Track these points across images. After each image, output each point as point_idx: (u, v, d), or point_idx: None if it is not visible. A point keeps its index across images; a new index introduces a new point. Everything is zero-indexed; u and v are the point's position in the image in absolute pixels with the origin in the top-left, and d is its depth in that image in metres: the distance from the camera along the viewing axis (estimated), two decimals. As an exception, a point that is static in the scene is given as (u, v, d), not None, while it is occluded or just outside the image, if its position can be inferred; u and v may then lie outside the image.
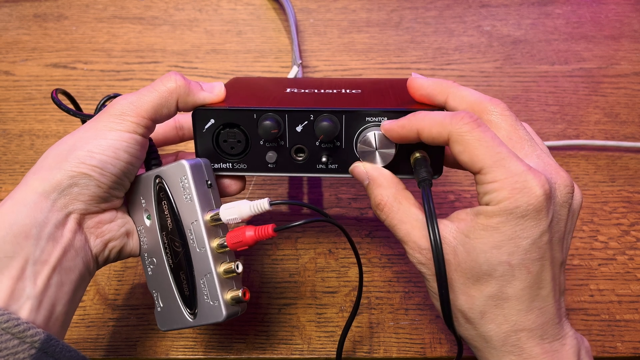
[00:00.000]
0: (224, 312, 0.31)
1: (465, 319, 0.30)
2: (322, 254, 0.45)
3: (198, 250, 0.31)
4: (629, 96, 0.57)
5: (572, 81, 0.59)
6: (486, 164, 0.28)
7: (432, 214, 0.28)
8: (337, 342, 0.36)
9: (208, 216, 0.32)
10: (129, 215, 0.34)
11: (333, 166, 0.35)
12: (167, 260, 0.33)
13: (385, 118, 0.32)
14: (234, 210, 0.31)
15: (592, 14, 0.66)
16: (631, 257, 0.45)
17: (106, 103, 0.44)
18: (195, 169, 0.32)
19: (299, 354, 0.40)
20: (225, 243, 0.31)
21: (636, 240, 0.46)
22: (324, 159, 0.34)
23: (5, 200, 0.29)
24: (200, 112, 0.33)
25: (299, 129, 0.33)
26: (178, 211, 0.32)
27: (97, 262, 0.32)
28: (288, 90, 0.38)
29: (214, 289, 0.31)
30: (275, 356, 0.40)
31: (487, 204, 0.28)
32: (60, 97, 0.37)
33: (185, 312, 0.33)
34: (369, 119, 0.32)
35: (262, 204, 0.31)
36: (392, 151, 0.32)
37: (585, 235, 0.46)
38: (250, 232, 0.31)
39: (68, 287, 0.29)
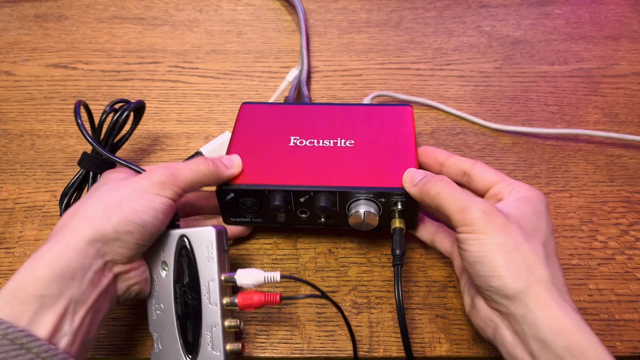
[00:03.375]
0: None
1: (533, 262, 0.33)
2: (322, 253, 0.45)
3: (210, 305, 0.36)
4: (628, 96, 0.57)
5: (572, 81, 0.59)
6: (497, 179, 0.40)
7: (400, 294, 0.37)
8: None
9: (223, 277, 0.36)
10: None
11: (330, 221, 0.43)
12: (176, 309, 0.37)
13: (371, 194, 0.40)
14: (249, 277, 0.36)
15: (591, 14, 0.66)
16: (630, 257, 0.45)
17: (115, 106, 0.45)
18: (219, 235, 0.37)
19: (299, 353, 0.40)
20: (236, 302, 0.36)
21: (635, 240, 0.46)
22: (322, 219, 0.43)
23: (57, 242, 0.32)
24: (223, 191, 0.41)
25: (302, 199, 0.41)
26: (198, 269, 0.36)
27: (118, 301, 0.36)
28: (292, 142, 0.44)
29: (219, 340, 0.35)
30: (275, 355, 0.40)
31: (515, 193, 0.38)
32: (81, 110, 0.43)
33: (185, 357, 0.36)
34: (357, 195, 0.40)
35: (275, 277, 0.37)
36: (375, 224, 0.41)
37: (585, 235, 0.46)
38: (259, 298, 0.36)
39: (96, 325, 0.33)
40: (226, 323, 0.36)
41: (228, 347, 0.36)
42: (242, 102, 0.49)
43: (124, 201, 0.34)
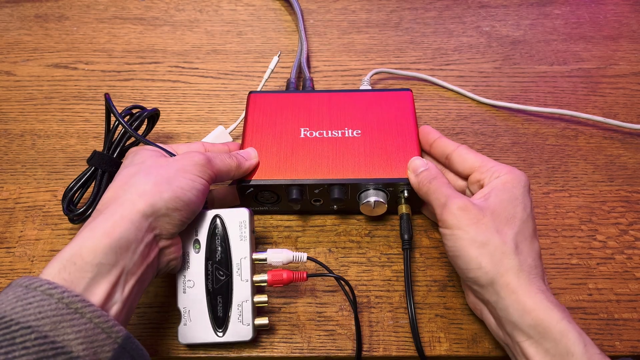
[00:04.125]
0: (252, 334, 0.38)
1: (502, 253, 0.36)
2: (322, 252, 0.45)
3: (241, 281, 0.39)
4: (627, 96, 0.57)
5: (571, 81, 0.59)
6: (477, 163, 0.41)
7: (409, 275, 0.42)
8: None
9: (254, 255, 0.40)
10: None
11: (341, 207, 0.47)
12: (207, 285, 0.39)
13: (380, 185, 0.44)
14: (280, 256, 0.40)
15: (590, 14, 0.66)
16: (629, 257, 0.45)
17: (133, 111, 0.47)
18: (251, 216, 0.40)
19: (299, 353, 0.41)
20: (266, 278, 0.39)
21: (634, 239, 0.46)
22: (335, 207, 0.46)
23: (113, 213, 0.34)
24: (243, 186, 0.44)
25: (316, 191, 0.44)
26: (230, 247, 0.39)
27: (158, 274, 0.38)
28: (302, 134, 0.46)
29: (248, 314, 0.38)
30: (275, 355, 0.40)
31: (494, 179, 0.39)
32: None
33: (214, 330, 0.38)
34: (367, 185, 0.44)
35: (302, 257, 0.40)
36: (384, 211, 0.45)
37: (584, 235, 0.46)
38: (288, 275, 0.39)
39: (140, 294, 0.35)
40: (255, 299, 0.39)
41: (256, 321, 0.39)
42: (243, 98, 0.49)
43: (172, 179, 0.36)
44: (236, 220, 0.40)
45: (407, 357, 0.40)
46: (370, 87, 0.55)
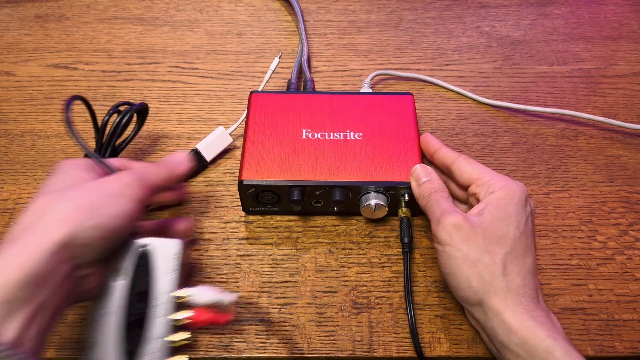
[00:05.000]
0: None
1: (491, 273, 0.36)
2: (322, 253, 0.45)
3: (159, 317, 0.35)
4: (627, 96, 0.57)
5: (571, 82, 0.59)
6: (475, 175, 0.41)
7: (409, 278, 0.43)
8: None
9: (179, 292, 0.35)
10: None
11: (342, 209, 0.47)
12: (123, 315, 0.35)
13: (381, 188, 0.44)
14: (203, 298, 0.35)
15: (590, 14, 0.66)
16: (630, 257, 0.45)
17: (119, 108, 0.44)
18: (184, 248, 0.37)
19: (299, 354, 0.41)
20: (187, 317, 0.35)
21: (635, 240, 0.46)
22: (335, 209, 0.46)
23: (27, 243, 0.31)
24: (244, 186, 0.44)
25: (317, 192, 0.44)
26: (154, 280, 0.35)
27: (76, 302, 0.35)
28: (304, 135, 0.46)
29: (161, 353, 0.34)
30: (275, 355, 0.40)
31: (489, 194, 0.39)
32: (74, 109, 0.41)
33: None
34: (368, 188, 0.44)
35: (231, 297, 0.36)
36: (384, 214, 0.45)
37: (584, 235, 0.46)
38: (210, 317, 0.35)
39: (55, 323, 0.32)
40: (173, 337, 0.35)
41: None
42: (243, 98, 0.49)
43: (97, 205, 0.33)
44: (165, 253, 0.36)
45: (407, 357, 0.40)
46: (371, 90, 0.55)
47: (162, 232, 0.41)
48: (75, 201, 0.33)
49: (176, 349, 0.35)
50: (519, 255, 0.37)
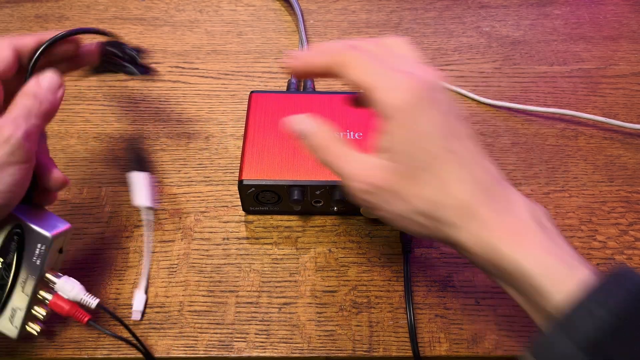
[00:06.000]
0: (17, 335, 0.37)
1: (425, 216, 0.31)
2: (322, 253, 0.45)
3: (22, 292, 0.37)
4: (627, 96, 0.57)
5: (571, 82, 0.59)
6: (364, 85, 0.31)
7: (409, 279, 0.42)
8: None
9: (48, 276, 0.37)
10: None
11: (342, 209, 0.47)
12: None
13: None
14: (69, 291, 0.38)
15: (590, 14, 0.66)
16: (629, 257, 0.45)
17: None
18: (56, 239, 0.36)
19: (299, 353, 0.41)
20: (47, 301, 0.38)
21: (634, 239, 0.46)
22: (335, 208, 0.46)
23: None
24: (244, 185, 0.44)
25: (318, 192, 0.44)
26: (22, 263, 0.36)
27: None
28: None
29: (19, 320, 0.37)
30: (275, 355, 0.40)
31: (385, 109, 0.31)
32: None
33: None
34: None
35: (91, 303, 0.38)
36: None
37: (584, 235, 0.46)
38: (69, 309, 0.38)
39: None
40: (34, 309, 0.37)
41: (28, 326, 0.38)
42: (244, 98, 0.49)
43: None
44: (36, 241, 0.36)
45: (407, 357, 0.40)
46: None
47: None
48: None
49: (35, 318, 0.38)
50: (465, 161, 0.30)
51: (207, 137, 0.54)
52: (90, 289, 0.44)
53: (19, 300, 0.37)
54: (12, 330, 0.38)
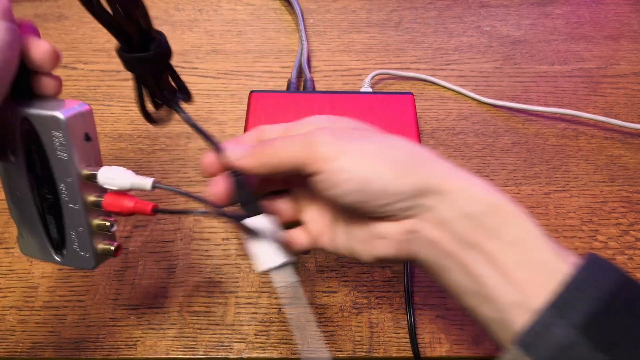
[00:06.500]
0: (94, 262, 0.31)
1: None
2: (322, 253, 0.45)
3: (71, 205, 0.30)
4: (628, 96, 0.57)
5: (572, 81, 0.59)
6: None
7: (409, 279, 0.41)
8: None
9: (85, 172, 0.29)
10: None
11: None
12: (35, 200, 0.31)
13: None
14: (114, 180, 0.30)
15: (591, 14, 0.66)
16: (630, 257, 0.45)
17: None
18: (73, 122, 0.28)
19: (299, 354, 0.40)
20: (101, 203, 0.30)
21: (635, 240, 0.46)
22: None
23: None
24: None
25: None
26: (51, 164, 0.29)
27: None
28: None
29: (86, 242, 0.31)
30: (275, 356, 0.40)
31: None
32: None
33: (52, 251, 0.32)
34: None
35: (146, 184, 0.30)
36: None
37: (585, 235, 0.46)
38: (129, 203, 0.30)
39: None
40: (93, 223, 0.31)
41: (100, 247, 0.31)
42: (243, 98, 0.49)
43: None
44: (49, 130, 0.28)
45: (407, 358, 0.40)
46: (371, 90, 0.55)
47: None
48: None
49: (104, 235, 0.32)
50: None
51: (206, 137, 0.54)
52: (89, 289, 0.44)
53: (73, 217, 0.30)
54: (86, 261, 0.31)
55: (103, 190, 0.30)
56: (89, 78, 0.59)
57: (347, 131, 0.31)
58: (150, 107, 0.33)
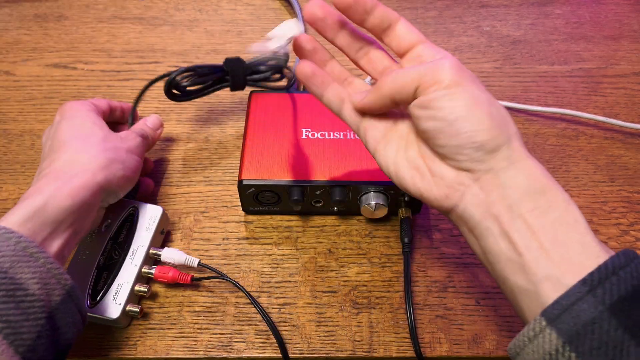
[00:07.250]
0: (119, 314, 0.39)
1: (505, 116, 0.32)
2: (322, 253, 0.45)
3: (131, 264, 0.41)
4: (628, 96, 0.57)
5: (572, 81, 0.59)
6: (420, 38, 0.35)
7: (409, 279, 0.42)
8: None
9: (152, 250, 0.43)
10: None
11: (342, 209, 0.47)
12: (99, 259, 0.42)
13: (381, 187, 0.43)
14: (172, 256, 0.42)
15: (591, 14, 0.66)
16: (630, 257, 0.45)
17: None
18: (163, 215, 0.44)
19: (299, 354, 0.40)
20: (153, 272, 0.42)
21: (635, 240, 0.46)
22: (335, 208, 0.46)
23: (76, 177, 0.37)
24: (245, 186, 0.44)
25: (317, 192, 0.44)
26: (135, 234, 0.43)
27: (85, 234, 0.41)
28: (304, 135, 0.46)
29: (124, 295, 0.40)
30: (275, 356, 0.40)
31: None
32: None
33: (87, 299, 0.40)
34: (368, 187, 0.44)
35: (193, 262, 0.42)
36: (384, 214, 0.45)
37: (585, 235, 0.46)
38: (173, 274, 0.42)
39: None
40: (136, 286, 0.41)
41: (128, 306, 0.40)
42: (243, 98, 0.48)
43: (124, 160, 0.41)
44: (148, 214, 0.44)
45: (407, 358, 0.40)
46: None
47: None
48: (109, 152, 0.40)
49: (137, 299, 0.42)
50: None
51: (206, 137, 0.54)
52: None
53: (126, 274, 0.41)
54: (114, 309, 0.39)
55: (154, 264, 0.43)
56: (89, 78, 0.59)
57: (469, 72, 0.32)
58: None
